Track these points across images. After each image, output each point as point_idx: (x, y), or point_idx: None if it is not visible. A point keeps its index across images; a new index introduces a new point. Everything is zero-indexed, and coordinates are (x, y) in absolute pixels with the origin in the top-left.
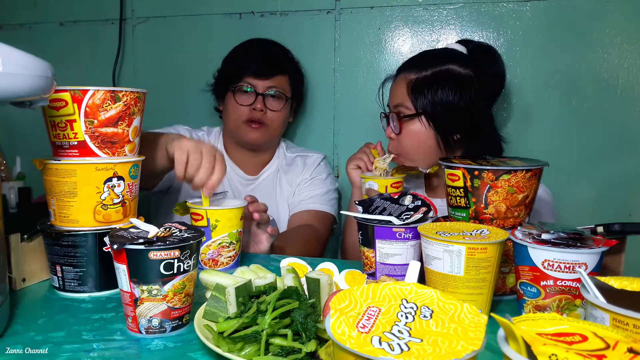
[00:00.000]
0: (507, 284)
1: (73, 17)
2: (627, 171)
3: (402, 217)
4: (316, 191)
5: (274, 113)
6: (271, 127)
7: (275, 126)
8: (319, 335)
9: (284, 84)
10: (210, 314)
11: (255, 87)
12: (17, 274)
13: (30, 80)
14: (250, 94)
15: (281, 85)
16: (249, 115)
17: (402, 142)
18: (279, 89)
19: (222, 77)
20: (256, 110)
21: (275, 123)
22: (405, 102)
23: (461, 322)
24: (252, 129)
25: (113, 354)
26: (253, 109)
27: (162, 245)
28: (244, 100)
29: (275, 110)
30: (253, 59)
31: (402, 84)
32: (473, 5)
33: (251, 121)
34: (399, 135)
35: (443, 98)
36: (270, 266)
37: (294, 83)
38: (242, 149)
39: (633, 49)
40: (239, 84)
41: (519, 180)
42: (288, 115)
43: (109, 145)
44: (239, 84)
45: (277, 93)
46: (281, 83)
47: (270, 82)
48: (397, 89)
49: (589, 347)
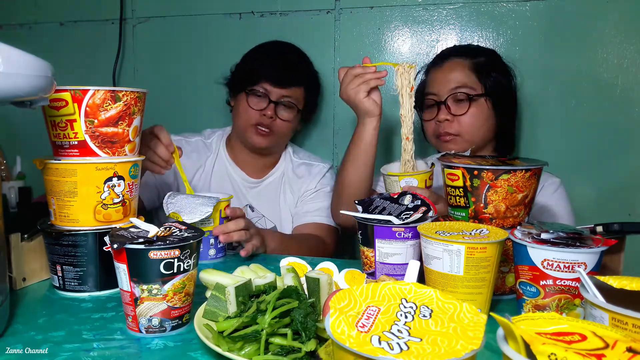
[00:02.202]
0: (507, 283)
1: (73, 17)
2: (627, 171)
3: (401, 216)
4: (321, 204)
5: (283, 122)
6: (278, 135)
7: (282, 134)
8: (319, 335)
9: (299, 95)
10: (210, 314)
11: (270, 94)
12: (17, 273)
13: (31, 80)
14: (263, 99)
15: (295, 96)
16: (258, 119)
17: (465, 122)
18: (293, 100)
19: (238, 76)
20: (266, 117)
21: (282, 131)
22: (470, 83)
23: (460, 321)
24: (258, 134)
25: (113, 353)
26: (264, 114)
27: (162, 245)
28: (256, 104)
29: (285, 120)
30: (273, 66)
31: (459, 68)
32: (473, 5)
33: (259, 126)
34: (459, 117)
35: (503, 81)
36: (270, 266)
37: (309, 95)
38: (247, 150)
39: (632, 49)
40: (254, 87)
41: (519, 180)
42: (297, 124)
43: (109, 145)
44: (254, 87)
45: (290, 103)
46: (296, 94)
47: (286, 92)
48: (453, 73)
49: (588, 347)
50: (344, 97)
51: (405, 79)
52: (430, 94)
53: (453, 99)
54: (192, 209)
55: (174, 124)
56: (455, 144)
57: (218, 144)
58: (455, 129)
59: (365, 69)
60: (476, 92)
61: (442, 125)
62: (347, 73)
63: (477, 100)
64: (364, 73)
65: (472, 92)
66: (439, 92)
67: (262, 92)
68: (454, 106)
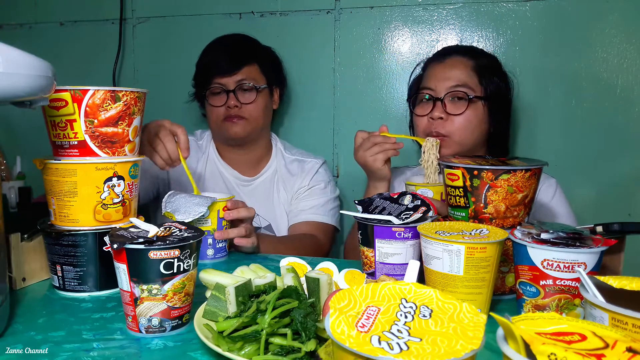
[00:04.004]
0: (507, 283)
1: (73, 17)
2: (627, 171)
3: (401, 216)
4: (316, 201)
5: (249, 105)
6: (251, 119)
7: (256, 117)
8: (319, 335)
9: (254, 74)
10: (210, 314)
11: (226, 85)
12: (17, 273)
13: (30, 80)
14: (222, 94)
15: (251, 76)
16: (225, 113)
17: (459, 123)
18: (248, 80)
19: (196, 84)
20: (231, 108)
21: (254, 114)
22: (470, 84)
23: (460, 321)
24: (232, 123)
25: (113, 353)
26: (228, 106)
27: (162, 245)
28: (217, 101)
29: (250, 103)
30: (217, 58)
31: (461, 66)
32: (472, 5)
33: (230, 118)
34: (454, 116)
35: (503, 87)
36: (270, 266)
37: (267, 70)
38: (232, 148)
39: (632, 49)
40: (209, 87)
41: (519, 180)
42: (269, 104)
43: (109, 145)
44: (209, 87)
45: (247, 85)
46: (250, 74)
47: (239, 76)
48: (454, 70)
49: (588, 347)
50: (361, 161)
51: (432, 154)
52: (427, 88)
53: (451, 97)
54: (187, 208)
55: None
56: (445, 145)
57: (208, 145)
58: (447, 129)
59: (386, 139)
60: (475, 94)
61: (434, 123)
62: (368, 139)
63: (475, 102)
64: (384, 142)
65: (472, 93)
66: (437, 88)
67: (218, 87)
68: (451, 105)
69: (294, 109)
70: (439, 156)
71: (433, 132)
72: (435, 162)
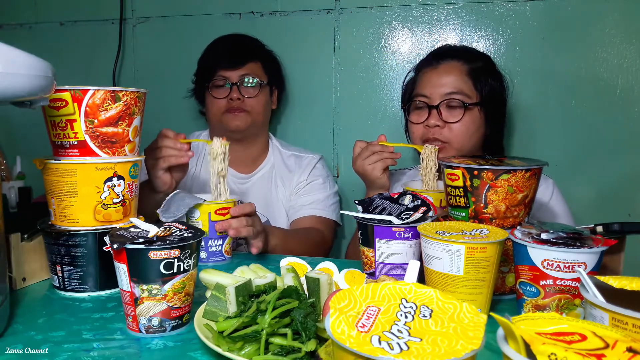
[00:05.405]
0: (507, 283)
1: (73, 17)
2: (627, 171)
3: (401, 216)
4: (316, 196)
5: (252, 99)
6: (253, 113)
7: (257, 111)
8: (319, 335)
9: (257, 71)
10: (210, 313)
11: (229, 79)
12: (17, 273)
13: (30, 80)
14: (224, 87)
15: (254, 72)
16: (227, 106)
17: (457, 130)
18: (252, 75)
19: (198, 79)
20: (233, 100)
21: (255, 108)
22: (465, 90)
23: (460, 321)
24: (234, 115)
25: (113, 353)
26: (230, 99)
27: (162, 245)
28: (220, 93)
29: (253, 97)
30: (223, 52)
31: (455, 72)
32: (473, 5)
33: (232, 109)
34: (450, 124)
35: (498, 89)
36: (270, 266)
37: (268, 69)
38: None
39: (632, 49)
40: (213, 79)
41: (519, 180)
42: (269, 101)
43: (109, 145)
44: (213, 79)
45: (251, 80)
46: (253, 70)
47: (243, 71)
48: (449, 76)
49: (588, 347)
50: (360, 170)
51: (431, 161)
52: (421, 95)
53: (446, 104)
54: (174, 209)
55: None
56: (444, 151)
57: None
58: (446, 136)
59: (384, 147)
60: (472, 101)
61: (432, 130)
62: (366, 148)
63: (471, 109)
64: (382, 151)
65: (468, 100)
66: (432, 95)
67: (221, 80)
68: (447, 112)
69: (294, 108)
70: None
71: (430, 138)
72: (434, 169)
